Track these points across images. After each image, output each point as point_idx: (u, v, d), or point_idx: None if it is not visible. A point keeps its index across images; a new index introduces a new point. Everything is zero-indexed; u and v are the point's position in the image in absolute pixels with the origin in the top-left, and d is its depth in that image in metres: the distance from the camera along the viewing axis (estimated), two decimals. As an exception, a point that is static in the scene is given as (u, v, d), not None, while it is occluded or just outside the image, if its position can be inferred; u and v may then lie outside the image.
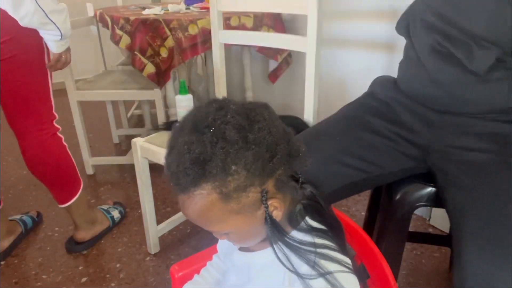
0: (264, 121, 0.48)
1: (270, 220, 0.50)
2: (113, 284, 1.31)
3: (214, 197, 0.47)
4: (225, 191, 0.47)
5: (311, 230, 0.54)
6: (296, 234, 0.54)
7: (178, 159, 0.47)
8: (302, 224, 0.55)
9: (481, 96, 0.77)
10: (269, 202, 0.49)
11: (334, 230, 0.56)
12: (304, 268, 0.50)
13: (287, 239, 0.52)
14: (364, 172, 0.85)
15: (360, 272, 0.67)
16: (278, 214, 0.52)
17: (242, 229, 0.52)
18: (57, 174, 1.36)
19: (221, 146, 0.45)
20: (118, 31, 1.79)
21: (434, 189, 0.85)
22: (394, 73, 0.97)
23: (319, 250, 0.51)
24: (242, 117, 0.47)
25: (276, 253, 0.52)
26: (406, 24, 0.90)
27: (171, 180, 0.49)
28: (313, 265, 0.50)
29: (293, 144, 0.51)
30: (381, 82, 0.99)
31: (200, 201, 0.48)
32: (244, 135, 0.46)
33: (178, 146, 0.48)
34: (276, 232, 0.51)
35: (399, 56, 0.95)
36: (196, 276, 0.75)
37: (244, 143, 0.46)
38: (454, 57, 0.76)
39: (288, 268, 0.51)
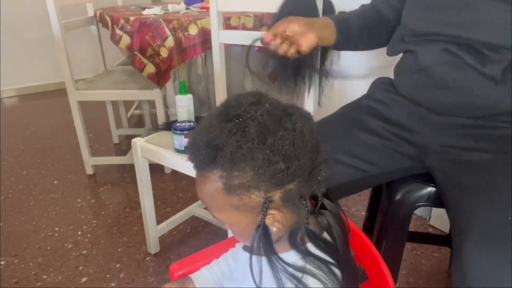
0: (292, 130, 0.46)
1: (262, 230, 0.49)
2: (113, 284, 1.31)
3: (219, 185, 0.47)
4: (229, 184, 0.47)
5: (307, 255, 0.51)
6: (289, 256, 0.52)
7: (196, 136, 0.48)
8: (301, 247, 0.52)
9: (490, 100, 0.77)
10: (270, 212, 0.48)
11: (344, 274, 0.52)
12: None
13: (273, 259, 0.50)
14: (361, 171, 0.85)
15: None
16: (279, 228, 0.50)
17: (239, 225, 0.52)
18: None
19: (236, 139, 0.45)
20: (118, 31, 1.79)
21: (434, 189, 0.85)
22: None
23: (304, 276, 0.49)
24: (271, 118, 0.46)
25: (251, 263, 0.51)
26: (400, 38, 0.90)
27: (188, 155, 0.49)
28: None
29: (319, 166, 0.48)
30: (380, 84, 1.00)
31: (208, 183, 0.49)
32: (263, 137, 0.45)
33: (202, 124, 0.48)
34: (264, 244, 0.49)
35: (398, 56, 0.95)
36: (203, 269, 0.75)
37: (259, 144, 0.45)
38: (464, 63, 0.76)
39: (255, 282, 0.51)
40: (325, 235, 0.54)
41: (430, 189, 0.85)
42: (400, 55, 0.93)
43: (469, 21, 0.75)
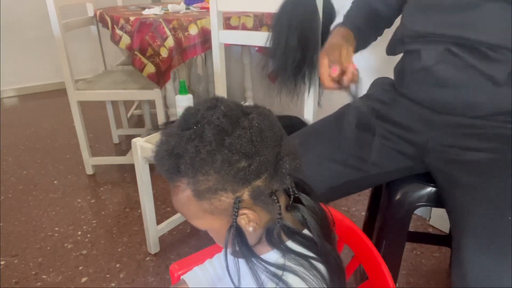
0: (249, 128, 0.46)
1: (234, 230, 0.49)
2: (113, 284, 1.31)
3: (188, 193, 0.48)
4: (197, 190, 0.47)
5: (287, 252, 0.51)
6: (270, 255, 0.52)
7: (158, 147, 0.49)
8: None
9: (491, 100, 0.77)
10: (243, 211, 0.48)
11: (327, 267, 0.52)
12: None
13: (253, 260, 0.50)
14: (361, 170, 0.85)
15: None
16: (254, 227, 0.50)
17: (217, 229, 0.52)
18: None
19: (194, 145, 0.45)
20: (118, 31, 1.79)
21: (434, 189, 0.85)
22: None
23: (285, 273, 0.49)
24: (227, 120, 0.46)
25: (227, 265, 0.51)
26: (400, 38, 0.90)
27: (156, 167, 0.50)
28: None
29: (283, 159, 0.48)
30: (380, 84, 1.00)
31: (179, 193, 0.49)
32: (220, 138, 0.45)
33: (163, 134, 0.49)
34: (240, 245, 0.49)
35: (398, 56, 0.95)
36: (196, 268, 0.75)
37: (217, 146, 0.45)
38: (466, 63, 0.76)
39: (233, 283, 0.51)
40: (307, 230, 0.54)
41: (430, 189, 0.85)
42: (400, 54, 0.93)
43: (471, 21, 0.75)
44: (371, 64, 1.64)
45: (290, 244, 0.52)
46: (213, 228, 0.52)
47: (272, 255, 0.52)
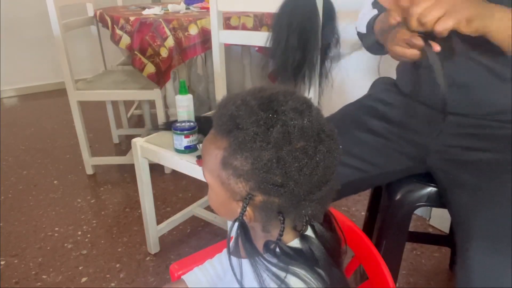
0: (309, 158, 0.45)
1: (240, 226, 0.49)
2: (113, 284, 1.31)
3: (219, 154, 0.48)
4: (227, 161, 0.47)
5: (287, 256, 0.50)
6: (268, 257, 0.52)
7: (229, 102, 0.48)
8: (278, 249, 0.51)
9: (499, 96, 0.76)
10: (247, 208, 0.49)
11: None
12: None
13: (256, 258, 0.50)
14: (362, 171, 0.85)
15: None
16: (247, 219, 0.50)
17: (216, 194, 0.52)
18: None
19: (255, 131, 0.45)
20: (118, 31, 1.79)
21: (434, 189, 0.85)
22: (394, 74, 0.97)
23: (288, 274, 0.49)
24: (299, 134, 0.45)
25: (231, 263, 0.51)
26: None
27: (214, 111, 0.50)
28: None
29: (311, 201, 0.48)
30: (381, 84, 1.00)
31: (214, 144, 0.49)
32: (280, 145, 0.44)
33: (242, 94, 0.48)
34: (244, 244, 0.50)
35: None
36: (196, 269, 0.75)
37: (272, 149, 0.44)
38: (475, 59, 0.75)
39: (237, 281, 0.52)
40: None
41: (430, 189, 0.85)
42: None
43: None
44: (371, 64, 1.64)
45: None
46: (214, 190, 0.53)
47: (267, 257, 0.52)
